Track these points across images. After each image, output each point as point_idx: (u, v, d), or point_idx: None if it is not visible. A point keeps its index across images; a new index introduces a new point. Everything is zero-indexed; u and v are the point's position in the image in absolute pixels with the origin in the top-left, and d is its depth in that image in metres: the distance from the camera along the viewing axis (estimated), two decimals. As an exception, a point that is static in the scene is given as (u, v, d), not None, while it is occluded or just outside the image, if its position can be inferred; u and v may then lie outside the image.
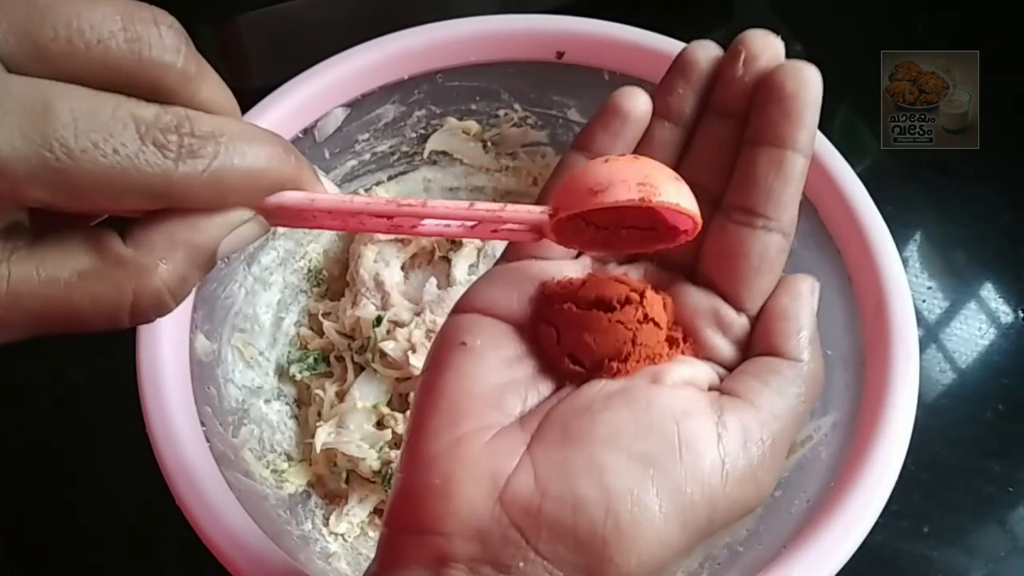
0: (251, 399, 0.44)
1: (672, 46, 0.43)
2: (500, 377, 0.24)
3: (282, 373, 0.48)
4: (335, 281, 0.51)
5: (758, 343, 0.24)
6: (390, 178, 0.50)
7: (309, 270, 0.50)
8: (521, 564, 0.20)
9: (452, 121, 0.48)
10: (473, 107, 0.48)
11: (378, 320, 0.46)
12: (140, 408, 0.35)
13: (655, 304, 0.24)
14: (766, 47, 0.24)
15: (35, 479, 0.49)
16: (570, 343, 0.24)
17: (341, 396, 0.46)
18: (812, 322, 0.24)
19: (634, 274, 0.26)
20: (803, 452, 0.39)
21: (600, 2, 0.47)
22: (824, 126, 0.40)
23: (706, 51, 0.25)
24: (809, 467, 0.38)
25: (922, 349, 0.46)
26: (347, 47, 0.43)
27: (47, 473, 0.49)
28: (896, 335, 0.36)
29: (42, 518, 0.48)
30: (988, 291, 0.56)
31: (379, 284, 0.47)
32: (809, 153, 0.24)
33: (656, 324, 0.24)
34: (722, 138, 0.25)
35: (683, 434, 0.22)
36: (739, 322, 0.25)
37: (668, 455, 0.21)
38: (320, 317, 0.49)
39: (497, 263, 0.27)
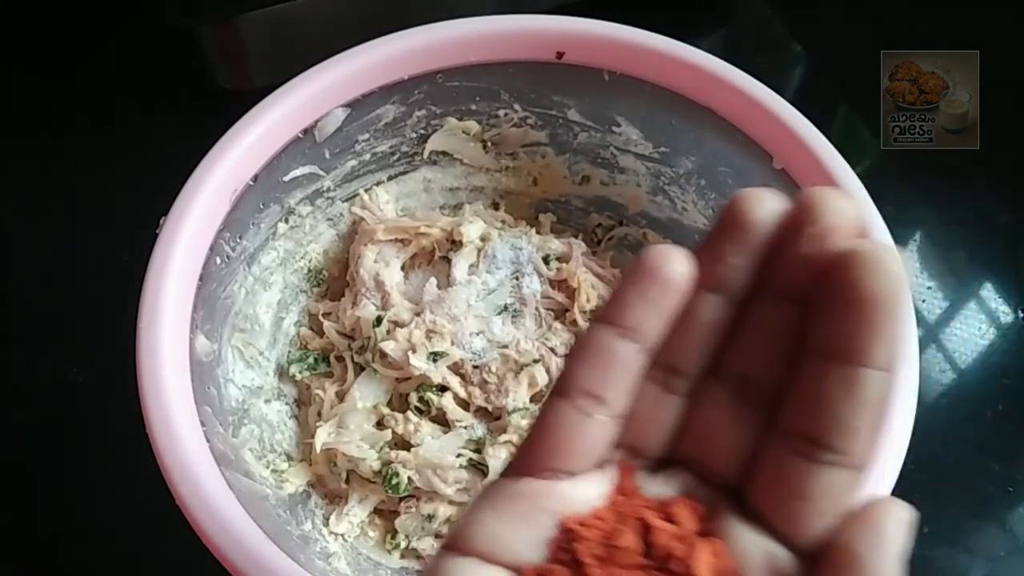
0: (251, 399, 0.44)
1: (672, 46, 0.43)
2: None
3: (282, 373, 0.48)
4: (335, 281, 0.51)
5: None
6: (390, 178, 0.50)
7: (309, 270, 0.50)
8: None
9: (452, 121, 0.48)
10: (473, 107, 0.48)
11: (378, 320, 0.46)
12: (140, 408, 0.35)
13: (703, 557, 0.19)
14: (842, 216, 0.19)
15: (35, 479, 0.49)
16: None
17: (341, 396, 0.46)
18: (897, 570, 0.18)
19: (670, 488, 0.21)
20: (803, 452, 0.39)
21: (600, 2, 0.47)
22: (824, 126, 0.41)
23: (765, 208, 0.20)
24: (809, 467, 0.38)
25: (922, 349, 0.46)
26: (347, 47, 0.43)
27: (47, 473, 0.49)
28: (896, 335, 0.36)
29: (42, 518, 0.48)
30: (988, 291, 0.56)
31: (379, 284, 0.47)
32: (891, 367, 0.19)
33: None
34: (782, 327, 0.20)
35: None
36: (798, 570, 0.20)
37: None
38: (320, 317, 0.49)
39: (503, 475, 0.21)
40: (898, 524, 0.19)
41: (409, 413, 0.44)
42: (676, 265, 0.20)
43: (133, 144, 0.60)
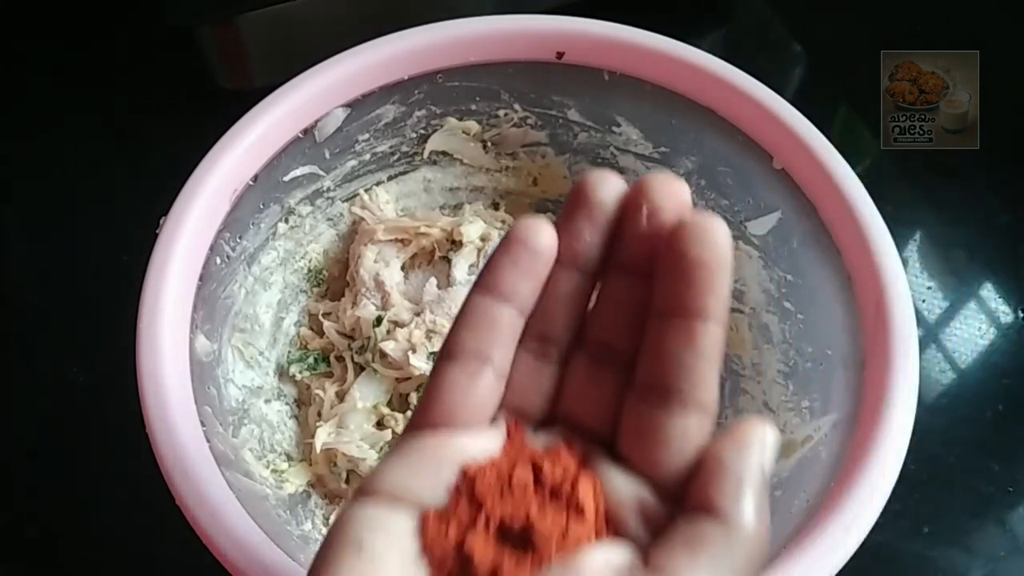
0: (251, 399, 0.44)
1: (672, 46, 0.43)
2: None
3: (282, 373, 0.48)
4: (335, 281, 0.51)
5: (692, 495, 0.21)
6: (390, 178, 0.50)
7: (309, 270, 0.50)
8: None
9: (452, 121, 0.48)
10: (473, 107, 0.48)
11: (378, 320, 0.46)
12: (140, 408, 0.35)
13: (586, 485, 0.22)
14: (670, 196, 0.22)
15: (35, 479, 0.49)
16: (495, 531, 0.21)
17: (341, 396, 0.46)
18: (759, 479, 0.21)
19: (552, 442, 0.23)
20: (803, 452, 0.39)
21: (600, 2, 0.47)
22: (824, 126, 0.41)
23: (607, 188, 0.22)
24: (809, 467, 0.38)
25: (922, 349, 0.46)
26: (347, 47, 0.43)
27: (47, 473, 0.49)
28: (896, 335, 0.36)
29: (42, 518, 0.48)
30: (988, 291, 0.56)
31: (379, 284, 0.47)
32: (724, 317, 0.21)
33: (583, 512, 0.21)
34: (632, 298, 0.22)
35: None
36: (666, 510, 0.22)
37: None
38: (320, 317, 0.49)
39: (406, 431, 0.23)
40: (761, 438, 0.21)
41: (409, 413, 0.44)
42: (543, 236, 0.22)
43: (133, 144, 0.60)
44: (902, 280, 0.37)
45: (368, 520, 0.21)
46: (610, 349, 0.23)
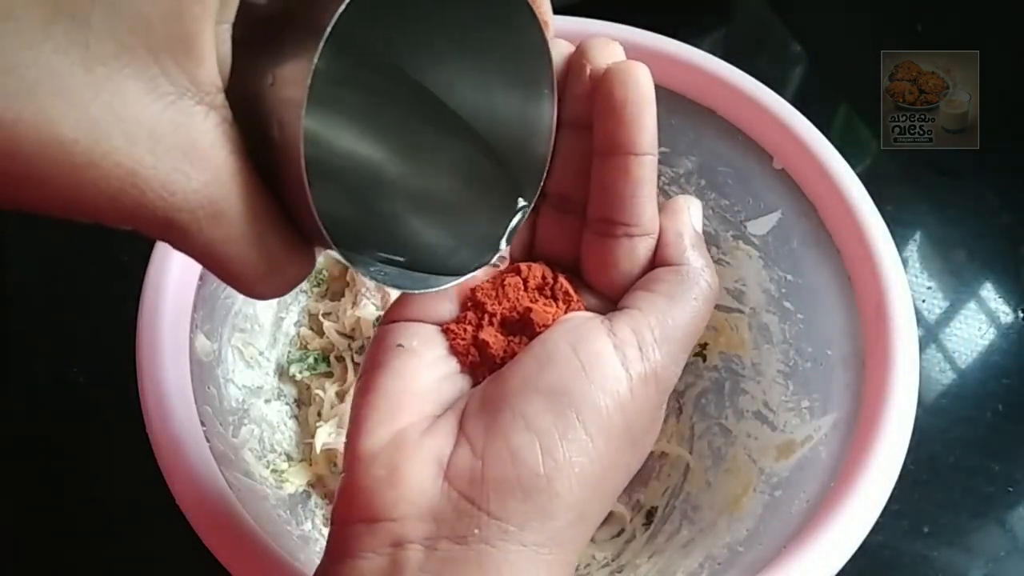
0: (251, 399, 0.44)
1: (672, 46, 0.43)
2: (435, 372, 0.25)
3: (282, 373, 0.48)
4: (335, 281, 0.51)
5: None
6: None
7: (309, 270, 0.50)
8: (476, 531, 0.21)
9: (452, 121, 0.48)
10: (473, 107, 0.48)
11: (378, 320, 0.46)
12: (140, 408, 0.35)
13: (564, 280, 0.27)
14: (608, 57, 0.25)
15: (35, 479, 0.49)
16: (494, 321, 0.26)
17: (341, 396, 0.46)
18: (692, 231, 0.26)
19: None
20: (803, 452, 0.39)
21: (600, 2, 0.47)
22: (824, 126, 0.41)
23: (554, 53, 0.25)
24: (809, 467, 0.38)
25: (922, 349, 0.46)
26: (347, 47, 0.43)
27: (47, 473, 0.49)
28: (896, 335, 0.36)
29: (42, 518, 0.48)
30: (988, 291, 0.56)
31: (379, 284, 0.47)
32: (654, 150, 0.25)
33: (567, 297, 0.26)
34: (579, 150, 0.26)
35: (582, 355, 0.23)
36: None
37: (575, 379, 0.23)
38: (320, 317, 0.49)
39: None
40: (686, 205, 0.26)
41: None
42: None
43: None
44: (902, 280, 0.37)
45: (402, 329, 0.25)
46: (567, 198, 0.26)
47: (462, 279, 0.26)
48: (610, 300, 0.26)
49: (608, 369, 0.23)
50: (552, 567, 0.22)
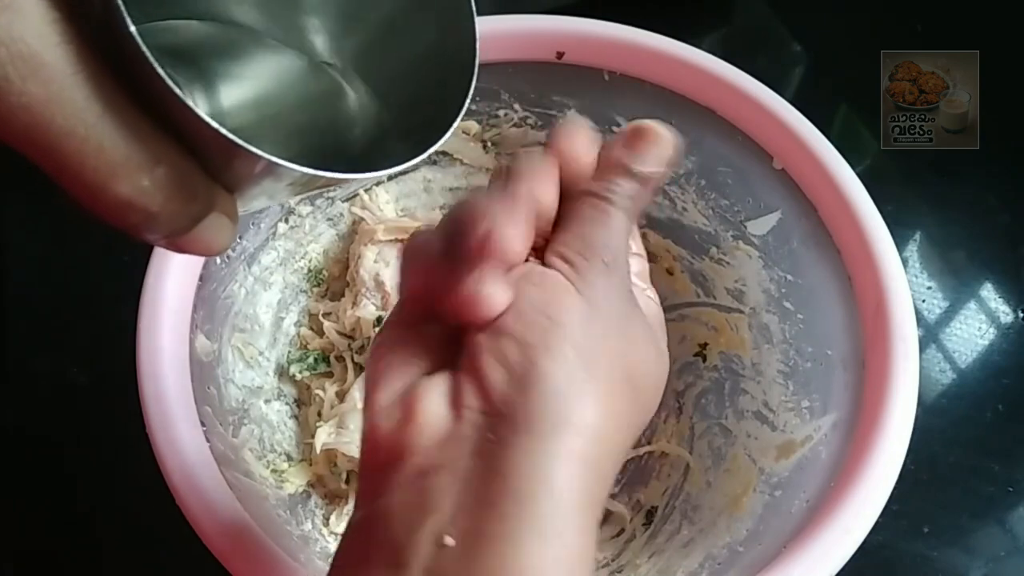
0: (251, 399, 0.44)
1: (672, 46, 0.43)
2: (443, 331, 0.26)
3: (282, 373, 0.48)
4: (335, 281, 0.51)
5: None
6: (390, 178, 0.50)
7: (309, 270, 0.50)
8: (490, 435, 0.22)
9: (452, 121, 0.48)
10: (473, 107, 0.48)
11: (378, 320, 0.46)
12: (140, 408, 0.35)
13: None
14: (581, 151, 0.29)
15: (35, 479, 0.49)
16: None
17: (341, 396, 0.46)
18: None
19: None
20: (803, 452, 0.39)
21: (600, 2, 0.47)
22: (824, 126, 0.41)
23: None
24: (809, 467, 0.38)
25: (922, 349, 0.46)
26: (347, 47, 0.43)
27: (47, 473, 0.49)
28: (896, 335, 0.36)
29: (42, 518, 0.48)
30: (988, 291, 0.56)
31: (379, 284, 0.47)
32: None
33: None
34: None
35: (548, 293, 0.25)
36: None
37: (547, 307, 0.24)
38: (320, 317, 0.49)
39: None
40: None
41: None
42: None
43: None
44: (902, 280, 0.37)
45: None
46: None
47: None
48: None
49: (563, 292, 0.25)
50: (564, 460, 0.22)
